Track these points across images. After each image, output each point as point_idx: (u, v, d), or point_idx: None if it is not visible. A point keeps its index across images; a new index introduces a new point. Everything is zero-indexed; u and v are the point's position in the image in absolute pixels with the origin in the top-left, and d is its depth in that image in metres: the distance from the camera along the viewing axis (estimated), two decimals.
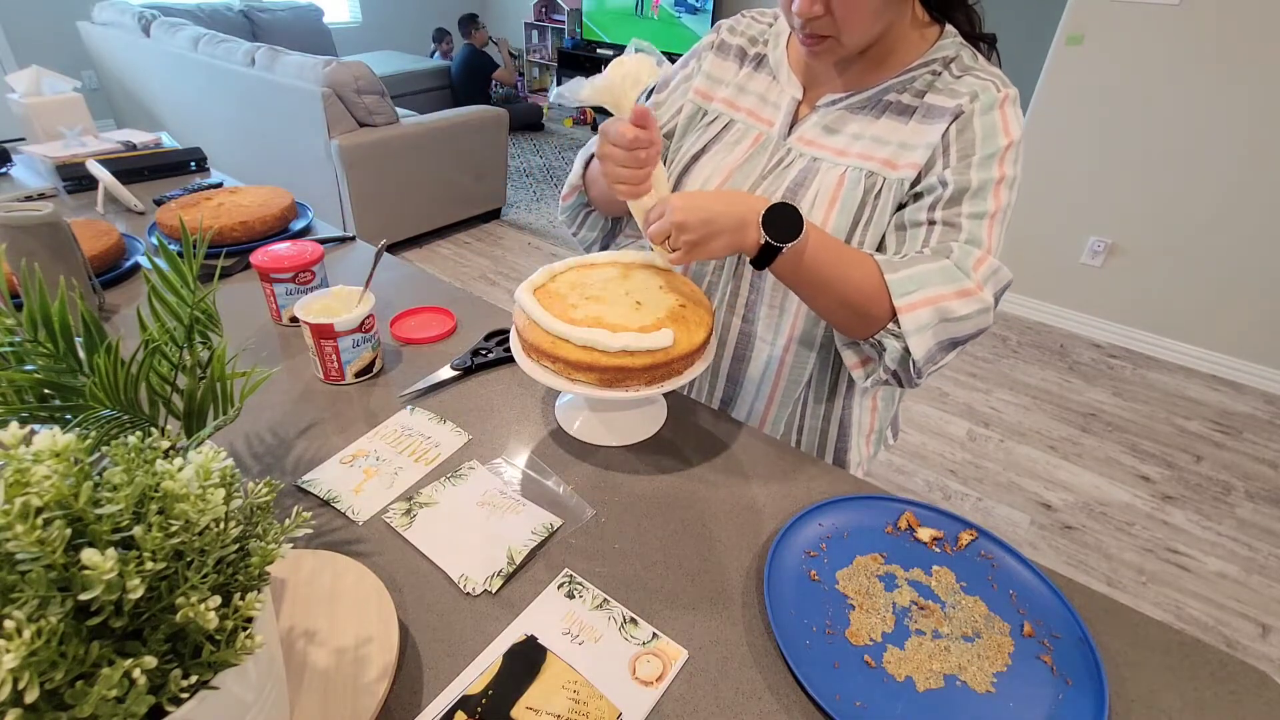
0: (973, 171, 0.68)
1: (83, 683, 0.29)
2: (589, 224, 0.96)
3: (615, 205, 0.88)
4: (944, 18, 0.73)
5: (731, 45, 0.83)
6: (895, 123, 0.72)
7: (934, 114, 0.70)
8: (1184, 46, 2.34)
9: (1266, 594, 1.74)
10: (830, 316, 0.72)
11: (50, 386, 0.49)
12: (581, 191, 0.91)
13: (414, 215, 3.29)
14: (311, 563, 0.57)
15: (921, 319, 0.65)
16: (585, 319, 0.67)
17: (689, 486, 0.71)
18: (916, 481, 2.05)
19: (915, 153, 0.70)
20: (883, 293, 0.66)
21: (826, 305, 0.70)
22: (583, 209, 0.95)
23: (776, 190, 0.77)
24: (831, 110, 0.75)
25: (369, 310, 0.81)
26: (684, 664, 0.53)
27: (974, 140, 0.68)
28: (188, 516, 0.33)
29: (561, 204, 0.96)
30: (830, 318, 0.73)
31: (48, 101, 1.54)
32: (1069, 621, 0.57)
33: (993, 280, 0.68)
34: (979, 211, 0.68)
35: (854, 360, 0.75)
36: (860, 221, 0.73)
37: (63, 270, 0.84)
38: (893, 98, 0.72)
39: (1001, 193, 0.68)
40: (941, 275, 0.66)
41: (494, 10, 6.39)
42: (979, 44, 0.74)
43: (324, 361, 0.81)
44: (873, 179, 0.72)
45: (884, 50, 0.72)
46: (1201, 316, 2.64)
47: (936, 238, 0.69)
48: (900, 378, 0.70)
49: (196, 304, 0.58)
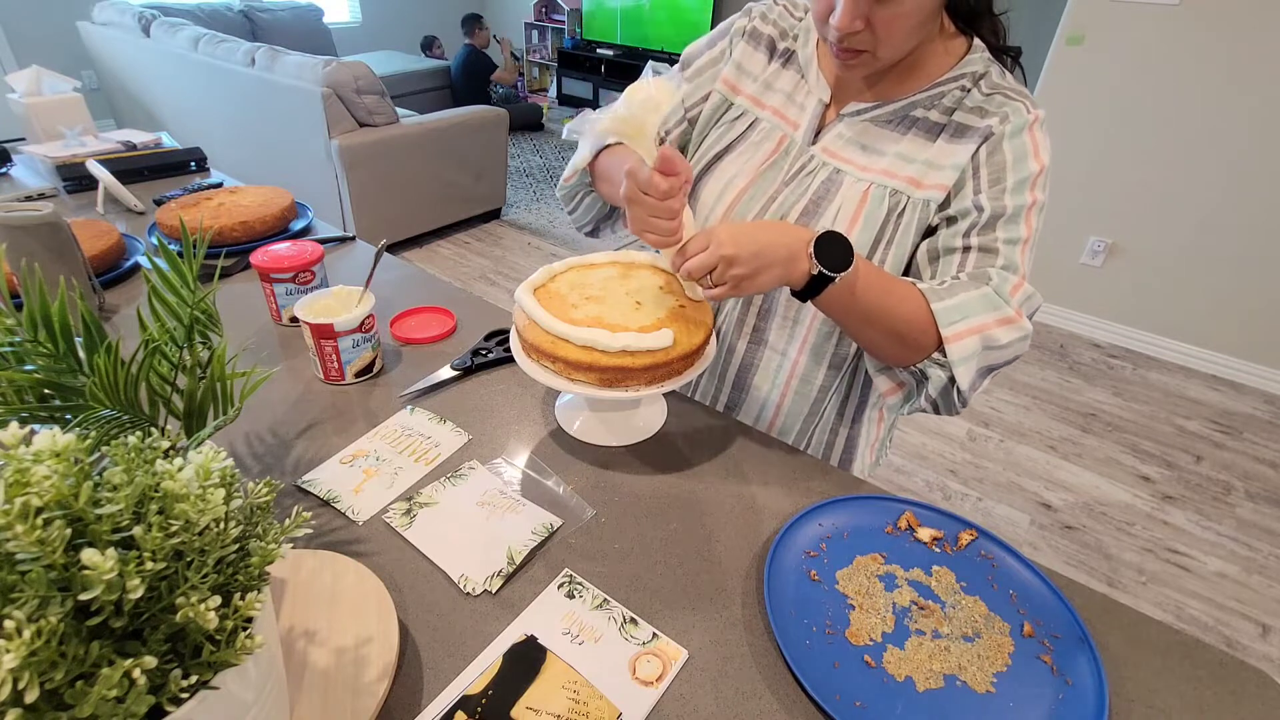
0: (1007, 197, 0.67)
1: (83, 683, 0.29)
2: (586, 205, 0.94)
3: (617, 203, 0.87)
4: (971, 29, 0.71)
5: (763, 35, 0.80)
6: (922, 140, 0.71)
7: (963, 134, 0.69)
8: (1184, 46, 2.34)
9: (1266, 594, 1.74)
10: (873, 346, 0.71)
11: (50, 386, 0.49)
12: (586, 172, 0.87)
13: (414, 215, 3.29)
14: (311, 563, 0.57)
15: (968, 348, 0.65)
16: (585, 319, 0.67)
17: (689, 486, 0.71)
18: (916, 481, 2.05)
19: (943, 173, 0.70)
20: (929, 322, 0.65)
21: (871, 336, 0.69)
22: (584, 189, 0.92)
23: (799, 202, 0.76)
24: (857, 120, 0.74)
25: (369, 310, 0.81)
26: (684, 664, 0.53)
27: (1004, 164, 0.68)
28: (188, 516, 0.33)
29: (562, 183, 0.92)
30: (873, 347, 0.71)
31: (48, 101, 1.54)
32: (1069, 621, 0.57)
33: (1027, 305, 0.68)
34: (1013, 237, 0.68)
35: (888, 386, 0.74)
36: (882, 240, 0.72)
37: (63, 270, 0.84)
38: (920, 113, 0.72)
39: (1033, 218, 0.68)
40: (984, 303, 0.65)
41: (494, 10, 6.39)
42: (1003, 56, 0.73)
43: (324, 361, 0.81)
44: (897, 197, 0.72)
45: (913, 62, 0.71)
46: (1201, 316, 2.64)
47: (973, 263, 0.68)
48: (940, 406, 0.69)
49: (196, 304, 0.59)
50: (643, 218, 0.65)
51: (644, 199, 0.63)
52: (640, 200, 0.63)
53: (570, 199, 0.94)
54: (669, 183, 0.61)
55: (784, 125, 0.78)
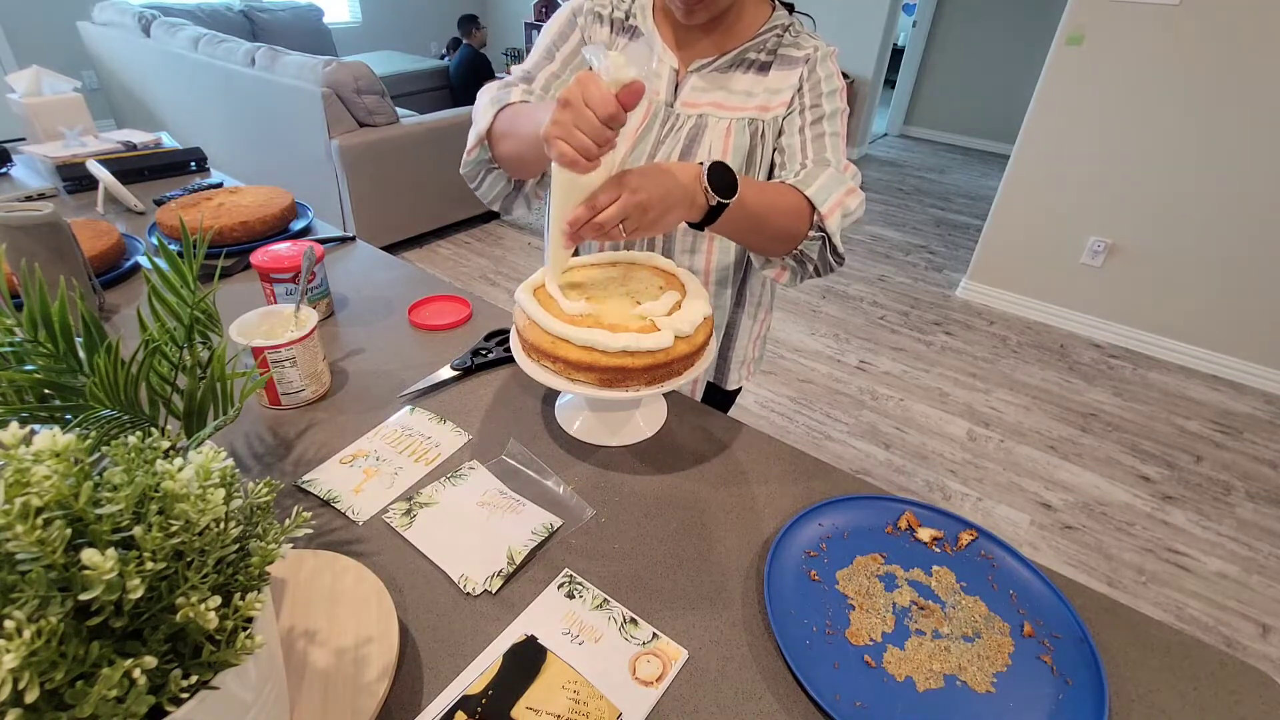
0: (824, 101, 0.85)
1: (83, 683, 0.29)
2: (489, 182, 0.89)
3: (524, 168, 0.83)
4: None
5: (604, 15, 0.89)
6: (758, 76, 0.86)
7: (789, 63, 0.86)
8: (1184, 46, 2.34)
9: (1266, 594, 1.74)
10: (765, 247, 0.83)
11: (50, 386, 0.49)
12: (486, 145, 0.84)
13: (414, 215, 3.29)
14: (311, 563, 0.57)
15: (835, 218, 0.80)
16: (585, 319, 0.67)
17: (689, 486, 0.71)
18: (916, 481, 2.05)
19: (782, 95, 0.86)
20: (805, 208, 0.79)
21: (762, 240, 0.80)
22: (485, 165, 0.88)
23: (675, 149, 0.86)
24: (704, 73, 0.86)
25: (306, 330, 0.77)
26: (684, 664, 0.53)
27: (820, 80, 0.86)
28: (188, 516, 0.33)
29: (465, 158, 0.88)
30: (764, 248, 0.83)
31: (48, 101, 1.54)
32: (1069, 621, 0.57)
33: (856, 180, 0.85)
34: (835, 131, 0.86)
35: (775, 271, 0.87)
36: (753, 162, 0.87)
37: (63, 270, 0.84)
38: (752, 56, 0.86)
39: (840, 121, 0.87)
40: (835, 181, 0.81)
41: (494, 10, 6.39)
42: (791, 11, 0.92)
43: None
44: (754, 124, 0.86)
45: (735, 18, 0.86)
46: (1201, 316, 2.64)
47: (812, 152, 0.84)
48: (823, 269, 0.85)
49: (196, 304, 0.59)
50: (571, 133, 0.58)
51: (583, 110, 0.57)
52: (579, 109, 0.57)
53: (474, 176, 0.90)
54: (618, 110, 0.57)
55: (649, 96, 0.87)
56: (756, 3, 0.87)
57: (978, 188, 4.74)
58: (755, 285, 1.02)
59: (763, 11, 0.88)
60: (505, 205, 0.93)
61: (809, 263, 0.84)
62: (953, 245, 3.76)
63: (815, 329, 2.86)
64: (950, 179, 4.93)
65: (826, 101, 0.86)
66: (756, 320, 1.07)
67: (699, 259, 0.93)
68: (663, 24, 0.88)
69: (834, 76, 0.87)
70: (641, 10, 0.89)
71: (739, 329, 1.05)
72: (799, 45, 0.86)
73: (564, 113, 0.58)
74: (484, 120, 0.82)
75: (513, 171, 0.86)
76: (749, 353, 1.09)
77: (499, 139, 0.82)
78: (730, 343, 1.06)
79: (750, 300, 1.03)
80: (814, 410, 2.35)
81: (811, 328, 2.86)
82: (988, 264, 3.07)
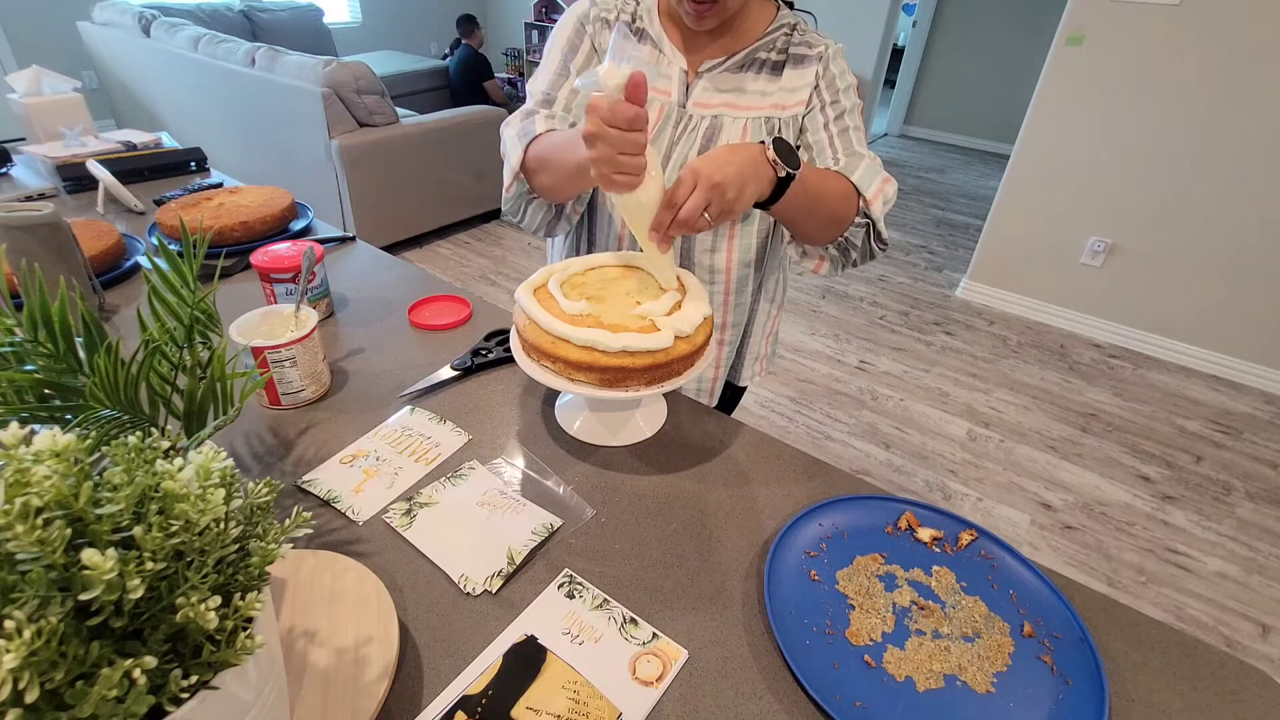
0: (843, 97, 0.87)
1: (83, 683, 0.29)
2: (531, 212, 0.90)
3: (562, 192, 0.83)
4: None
5: (612, 22, 0.89)
6: (772, 76, 0.87)
7: (802, 61, 0.86)
8: (1184, 46, 2.34)
9: (1266, 594, 1.74)
10: (816, 232, 0.82)
11: (50, 386, 0.49)
12: (523, 179, 0.85)
13: (414, 215, 3.29)
14: (311, 563, 0.57)
15: (878, 204, 0.82)
16: (585, 319, 0.67)
17: (689, 486, 0.71)
18: (916, 481, 2.05)
19: (799, 93, 0.86)
20: (853, 192, 0.80)
21: (816, 223, 0.80)
22: (525, 197, 0.88)
23: (691, 148, 0.86)
24: (715, 74, 0.87)
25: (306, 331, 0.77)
26: (684, 664, 0.53)
27: (835, 76, 0.87)
28: (188, 517, 0.33)
29: (504, 195, 0.88)
30: (816, 233, 0.82)
31: (48, 101, 1.54)
32: (1069, 621, 0.57)
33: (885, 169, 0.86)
34: (857, 125, 0.87)
35: (815, 263, 0.88)
36: None
37: (63, 270, 0.84)
38: (763, 56, 0.87)
39: (859, 115, 0.88)
40: (873, 171, 0.82)
41: (494, 10, 6.39)
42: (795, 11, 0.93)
43: None
44: (771, 122, 0.86)
45: (742, 19, 0.87)
46: (1201, 316, 2.64)
47: (841, 146, 0.86)
48: (863, 257, 0.86)
49: (196, 304, 0.59)
50: (609, 156, 0.61)
51: (609, 132, 0.59)
52: (605, 134, 0.59)
53: (516, 210, 0.91)
54: (634, 110, 0.59)
55: (659, 96, 0.88)
56: (761, 3, 0.88)
57: (978, 188, 4.74)
58: (771, 284, 1.03)
59: (768, 11, 0.88)
60: (550, 230, 0.93)
61: (852, 250, 0.84)
62: (953, 245, 3.76)
63: (815, 329, 2.86)
64: (950, 179, 4.93)
65: (844, 97, 0.87)
66: (770, 317, 1.08)
67: (719, 258, 0.94)
68: (670, 26, 0.88)
69: (847, 73, 0.88)
70: (648, 12, 0.89)
71: (754, 325, 1.06)
72: (810, 43, 0.87)
73: (597, 149, 0.61)
74: (515, 156, 0.83)
75: (553, 199, 0.87)
76: (762, 349, 1.11)
77: (533, 172, 0.83)
78: (746, 340, 1.07)
79: (765, 297, 1.04)
80: (814, 410, 2.35)
81: (811, 328, 2.86)
82: (988, 264, 3.07)
